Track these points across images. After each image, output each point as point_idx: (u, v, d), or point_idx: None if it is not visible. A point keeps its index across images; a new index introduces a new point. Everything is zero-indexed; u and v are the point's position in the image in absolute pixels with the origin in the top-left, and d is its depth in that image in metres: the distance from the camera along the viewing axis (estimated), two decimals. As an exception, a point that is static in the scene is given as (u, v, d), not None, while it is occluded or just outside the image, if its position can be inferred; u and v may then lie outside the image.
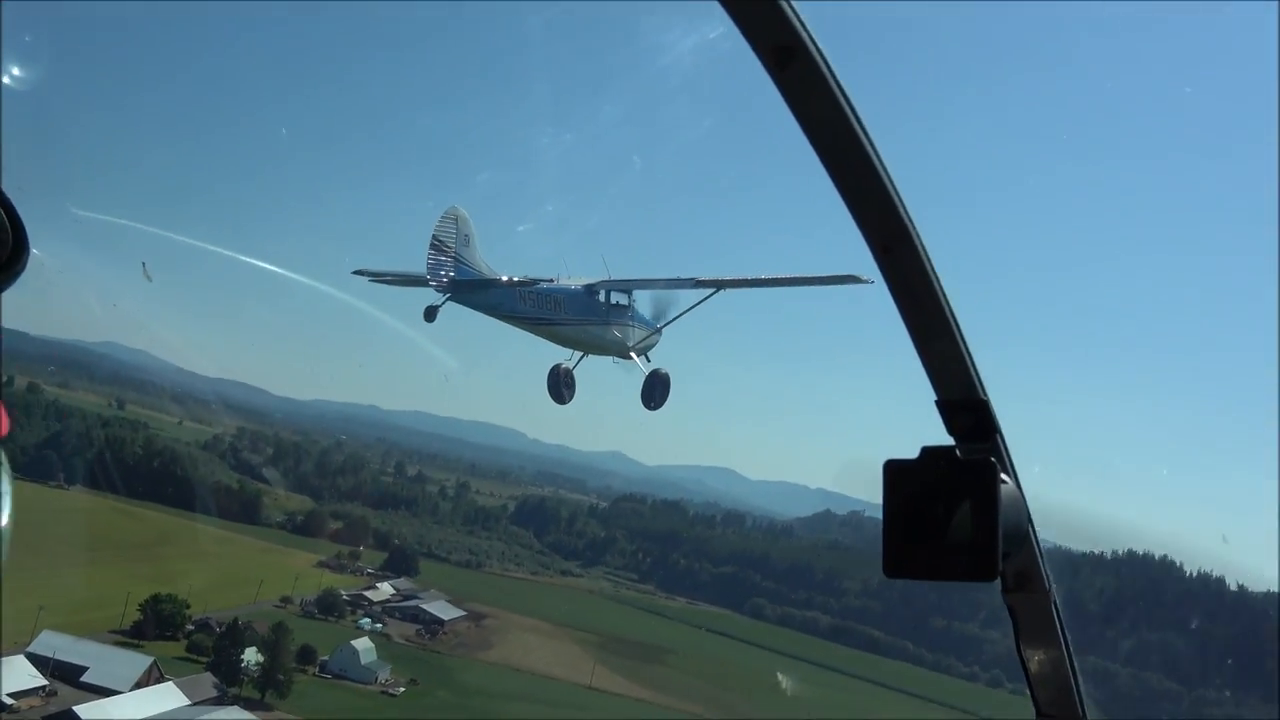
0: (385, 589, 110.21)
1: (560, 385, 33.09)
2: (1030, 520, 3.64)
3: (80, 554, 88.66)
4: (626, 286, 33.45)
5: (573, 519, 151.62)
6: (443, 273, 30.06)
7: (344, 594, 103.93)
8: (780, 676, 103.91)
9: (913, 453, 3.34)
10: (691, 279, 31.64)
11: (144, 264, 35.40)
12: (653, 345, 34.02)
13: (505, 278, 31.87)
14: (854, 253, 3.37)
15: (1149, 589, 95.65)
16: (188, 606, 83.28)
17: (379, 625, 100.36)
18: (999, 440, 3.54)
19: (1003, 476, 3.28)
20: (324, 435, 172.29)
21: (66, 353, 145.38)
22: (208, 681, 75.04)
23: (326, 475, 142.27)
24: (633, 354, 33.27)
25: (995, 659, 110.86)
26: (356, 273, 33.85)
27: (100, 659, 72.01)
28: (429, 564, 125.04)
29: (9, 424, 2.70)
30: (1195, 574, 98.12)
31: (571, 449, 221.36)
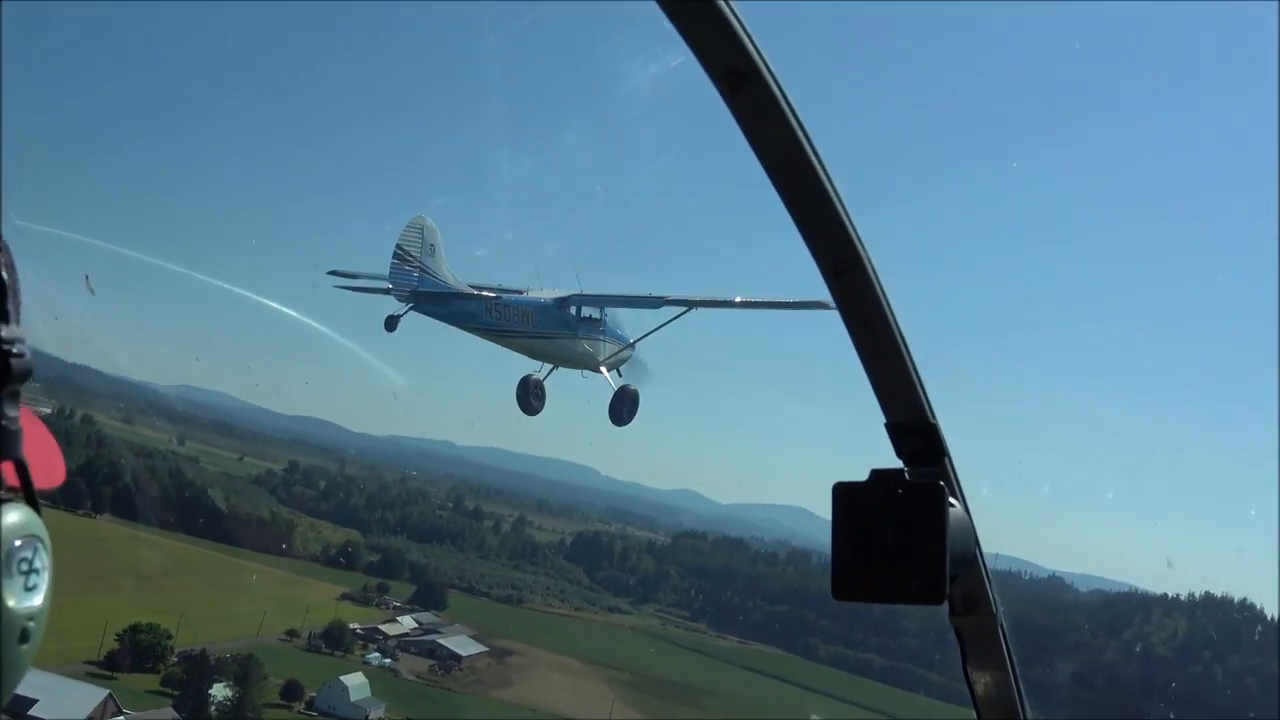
0: (405, 623, 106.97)
1: (530, 396, 32.86)
2: (978, 543, 3.61)
3: (80, 581, 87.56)
4: (597, 302, 33.20)
5: (626, 554, 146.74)
6: (405, 282, 29.94)
7: (357, 628, 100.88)
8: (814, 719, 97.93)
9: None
10: (660, 297, 31.68)
11: (87, 277, 34.27)
12: (625, 360, 33.80)
13: (472, 289, 31.72)
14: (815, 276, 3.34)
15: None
16: (169, 637, 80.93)
17: (388, 661, 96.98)
18: (948, 464, 3.54)
19: (951, 500, 3.26)
20: (391, 470, 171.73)
21: (136, 392, 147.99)
22: (168, 717, 72.22)
23: (376, 509, 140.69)
24: (603, 368, 33.04)
25: (1060, 703, 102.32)
26: (331, 273, 33.65)
27: (52, 691, 69.46)
28: (463, 598, 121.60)
29: (64, 472, 2.42)
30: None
31: (644, 486, 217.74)
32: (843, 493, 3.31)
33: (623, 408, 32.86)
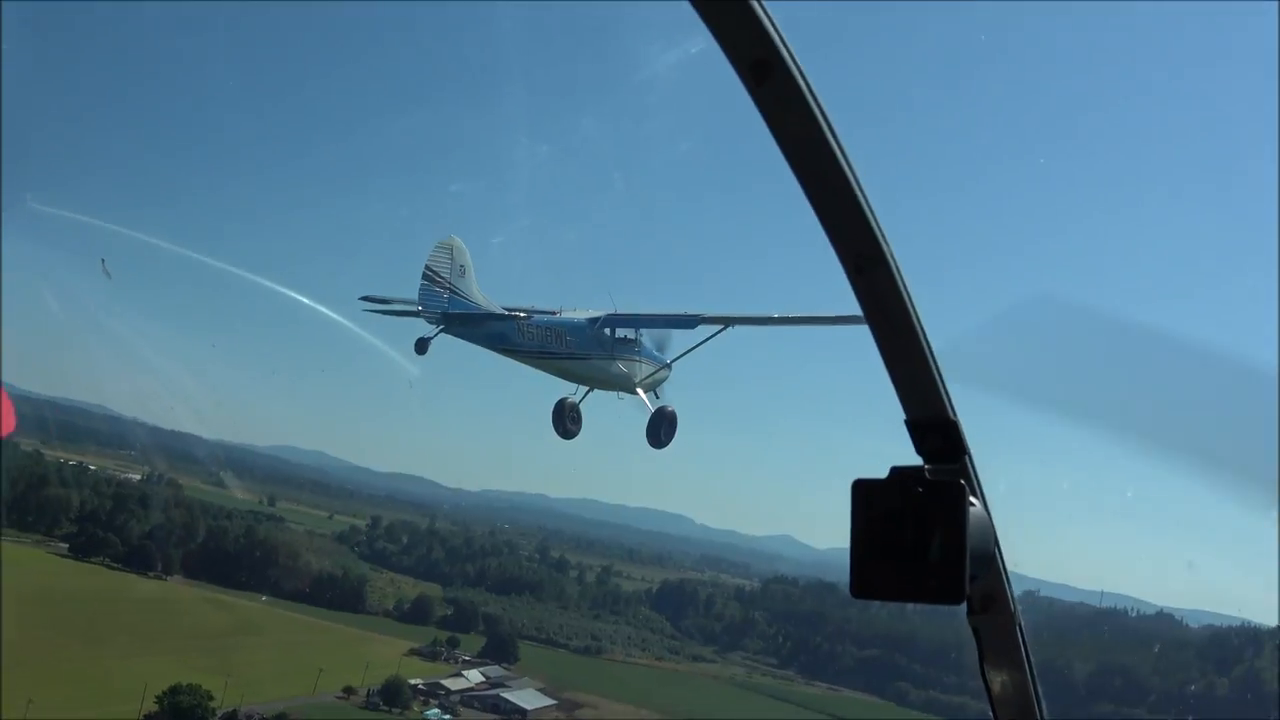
0: (472, 677, 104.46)
1: (565, 420, 32.35)
2: (997, 543, 3.61)
3: (133, 643, 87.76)
4: (632, 322, 32.49)
5: (713, 601, 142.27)
6: (436, 304, 29.57)
7: (419, 683, 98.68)
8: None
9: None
10: (696, 316, 30.86)
11: (103, 261, 34.63)
12: (662, 381, 33.05)
13: (504, 309, 31.22)
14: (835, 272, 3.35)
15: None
16: (211, 698, 79.77)
17: (447, 717, 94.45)
18: (968, 461, 3.54)
19: (971, 499, 3.27)
20: (482, 524, 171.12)
21: (234, 455, 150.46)
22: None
23: (456, 562, 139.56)
24: (639, 390, 32.28)
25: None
26: (363, 299, 33.09)
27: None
28: (538, 650, 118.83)
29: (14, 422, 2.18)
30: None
31: (739, 533, 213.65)
32: (862, 490, 3.29)
33: (661, 429, 31.84)
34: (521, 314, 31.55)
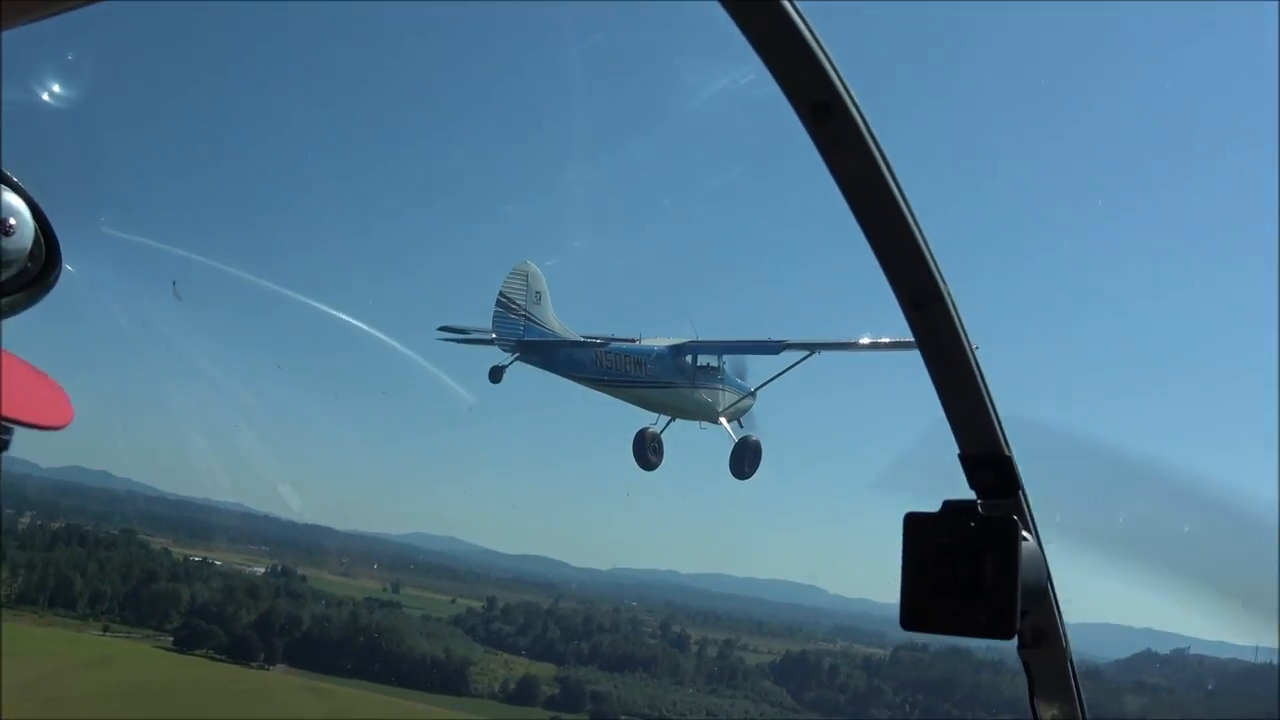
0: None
1: (647, 450, 32.09)
2: (1049, 577, 3.66)
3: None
4: (713, 349, 32.44)
5: (836, 672, 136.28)
6: (511, 331, 29.54)
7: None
8: None
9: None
10: (780, 341, 30.74)
11: (174, 283, 35.49)
12: (746, 410, 32.91)
13: (582, 337, 31.26)
14: (887, 303, 3.45)
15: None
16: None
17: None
18: (1021, 496, 3.57)
19: (1024, 534, 3.30)
20: (607, 602, 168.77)
21: (364, 544, 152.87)
22: None
23: (572, 641, 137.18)
24: (723, 419, 32.09)
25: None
26: (441, 329, 33.09)
27: None
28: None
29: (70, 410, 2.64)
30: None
31: (874, 601, 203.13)
32: (913, 523, 3.33)
33: (744, 460, 31.56)
34: (598, 341, 31.21)
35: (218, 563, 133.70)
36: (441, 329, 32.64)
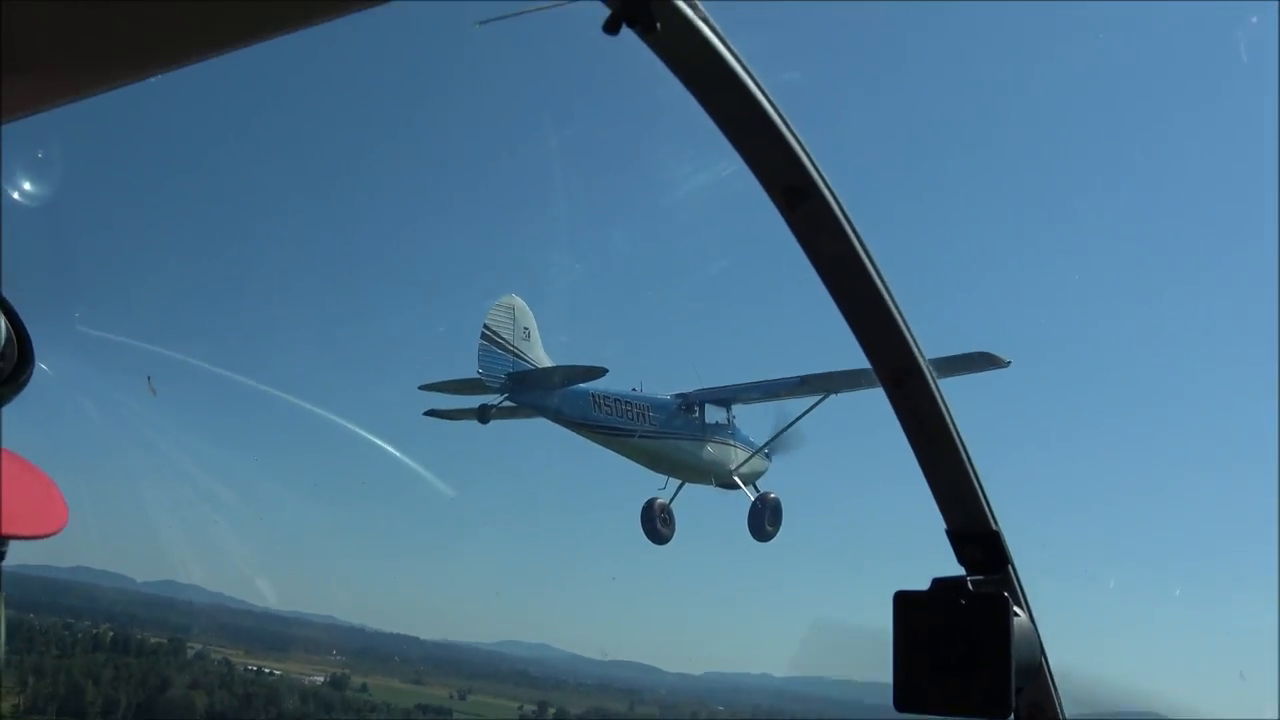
0: None
1: (656, 522, 29.93)
2: (1043, 652, 3.58)
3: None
4: (726, 395, 30.14)
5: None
6: (498, 366, 27.56)
7: None
8: None
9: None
10: (797, 378, 28.65)
11: (149, 378, 33.39)
12: (762, 473, 30.41)
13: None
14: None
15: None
16: None
17: None
18: (1011, 570, 3.52)
19: (1015, 609, 3.27)
20: (692, 706, 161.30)
21: (448, 653, 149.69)
22: None
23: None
24: (738, 480, 29.69)
25: None
26: (422, 388, 30.87)
27: None
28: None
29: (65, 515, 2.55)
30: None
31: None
32: (903, 601, 3.28)
33: (764, 518, 29.19)
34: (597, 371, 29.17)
35: (276, 672, 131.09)
36: (423, 387, 30.35)
